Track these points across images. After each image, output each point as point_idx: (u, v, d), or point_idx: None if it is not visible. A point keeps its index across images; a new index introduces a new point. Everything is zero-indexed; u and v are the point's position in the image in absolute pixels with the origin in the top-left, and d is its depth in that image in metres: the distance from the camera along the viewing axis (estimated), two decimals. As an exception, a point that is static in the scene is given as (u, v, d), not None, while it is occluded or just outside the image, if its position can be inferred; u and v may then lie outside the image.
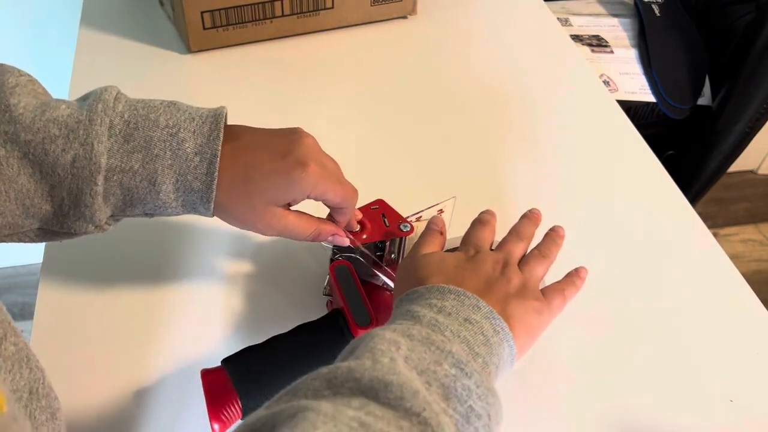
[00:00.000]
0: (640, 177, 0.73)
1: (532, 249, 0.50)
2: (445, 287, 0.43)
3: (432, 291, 0.43)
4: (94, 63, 0.85)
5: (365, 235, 0.55)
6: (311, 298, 0.58)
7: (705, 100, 1.10)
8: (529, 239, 0.51)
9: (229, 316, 0.57)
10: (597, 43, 1.14)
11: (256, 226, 0.48)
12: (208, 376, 0.46)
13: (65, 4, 1.19)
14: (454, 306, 0.41)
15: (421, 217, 0.59)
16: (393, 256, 0.56)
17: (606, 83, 1.06)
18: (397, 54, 0.90)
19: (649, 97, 1.08)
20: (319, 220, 0.51)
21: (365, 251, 0.55)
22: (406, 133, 0.77)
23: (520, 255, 0.49)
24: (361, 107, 0.81)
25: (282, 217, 0.48)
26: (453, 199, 0.60)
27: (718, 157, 1.10)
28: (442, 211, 0.60)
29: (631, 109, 1.07)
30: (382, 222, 0.56)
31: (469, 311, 0.41)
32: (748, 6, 1.07)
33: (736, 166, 1.29)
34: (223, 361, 0.47)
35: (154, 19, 0.93)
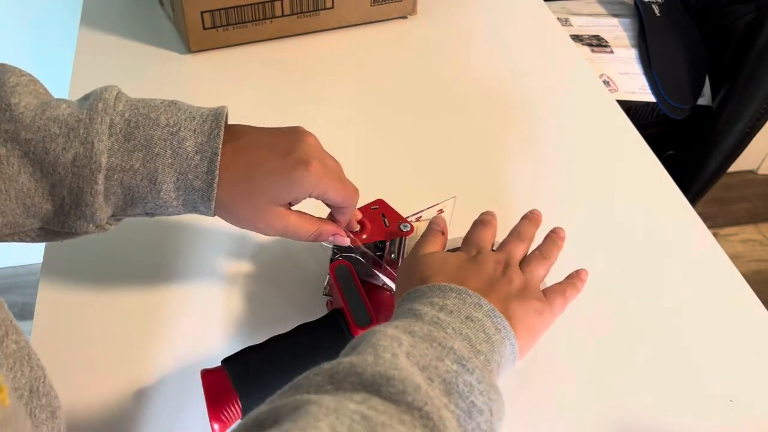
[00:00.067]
0: (640, 177, 0.73)
1: (533, 250, 0.50)
2: (447, 286, 0.43)
3: (434, 289, 0.43)
4: (94, 63, 0.85)
5: (365, 235, 0.55)
6: (311, 298, 0.58)
7: (705, 100, 1.10)
8: (530, 240, 0.51)
9: (229, 316, 0.57)
10: (597, 43, 1.14)
11: (257, 225, 0.48)
12: (208, 376, 0.46)
13: (65, 4, 1.19)
14: (455, 304, 0.41)
15: (421, 217, 0.59)
16: (393, 256, 0.56)
17: (606, 83, 1.06)
18: (397, 54, 0.90)
19: (649, 97, 1.08)
20: (320, 220, 0.51)
21: (365, 251, 0.55)
22: (406, 133, 0.77)
23: (522, 256, 0.49)
24: (361, 107, 0.81)
25: (283, 217, 0.48)
26: (453, 199, 0.60)
27: (718, 157, 1.10)
28: (442, 211, 0.60)
29: (631, 109, 1.07)
30: (382, 222, 0.56)
31: (471, 309, 0.41)
32: (748, 6, 1.07)
33: (736, 166, 1.29)
34: (223, 361, 0.47)
35: (154, 19, 0.93)
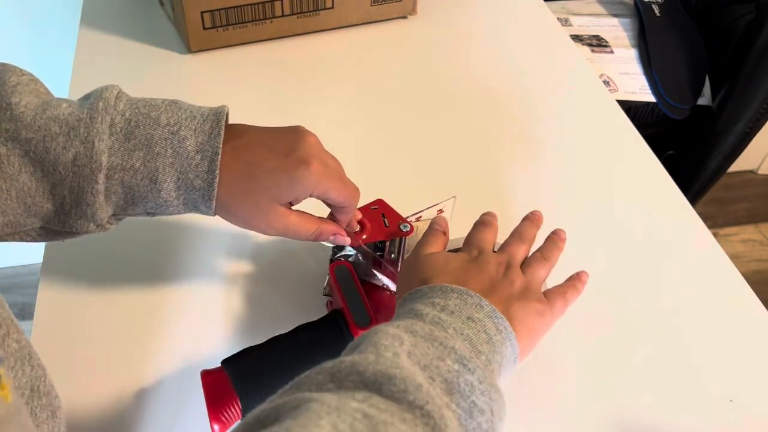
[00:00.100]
0: (640, 177, 0.73)
1: (534, 252, 0.50)
2: (448, 286, 0.43)
3: (435, 290, 0.43)
4: (94, 63, 0.85)
5: (365, 235, 0.55)
6: (311, 298, 0.58)
7: (705, 100, 1.10)
8: (531, 241, 0.51)
9: (229, 316, 0.57)
10: (597, 43, 1.14)
11: (258, 225, 0.48)
12: (208, 377, 0.46)
13: (65, 4, 1.19)
14: (457, 305, 0.41)
15: (421, 217, 0.59)
16: (393, 256, 0.56)
17: (606, 83, 1.06)
18: (397, 54, 0.90)
19: (649, 97, 1.08)
20: (321, 220, 0.51)
21: (365, 251, 0.55)
22: (406, 133, 0.77)
23: (523, 257, 0.49)
24: (361, 107, 0.81)
25: (284, 217, 0.48)
26: (453, 199, 0.60)
27: (718, 157, 1.10)
28: (442, 210, 0.60)
29: (631, 109, 1.07)
30: (382, 222, 0.56)
31: (472, 310, 0.41)
32: (748, 6, 1.07)
33: (736, 166, 1.29)
34: (223, 362, 0.47)
35: (154, 19, 0.93)
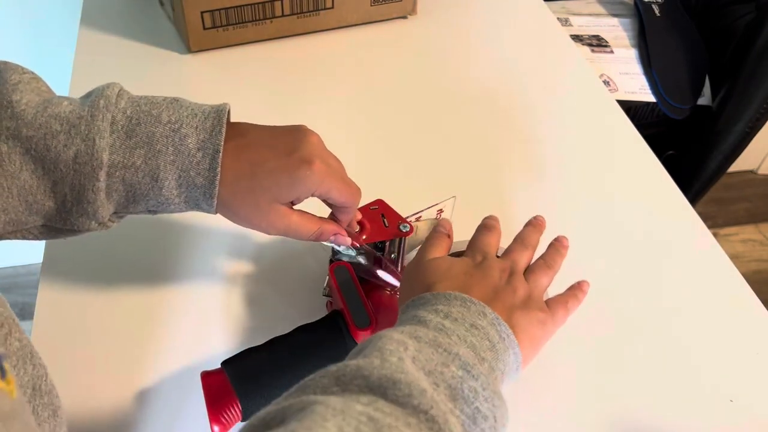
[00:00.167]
0: (640, 177, 0.73)
1: (537, 259, 0.50)
2: (451, 294, 0.43)
3: (438, 297, 0.43)
4: (94, 63, 0.85)
5: (365, 236, 0.55)
6: (311, 299, 0.58)
7: (705, 100, 1.10)
8: (534, 247, 0.51)
9: (229, 316, 0.57)
10: (597, 43, 1.14)
11: (259, 224, 0.48)
12: (207, 378, 0.46)
13: (65, 4, 1.19)
14: (460, 312, 0.41)
15: (420, 217, 0.59)
16: (393, 256, 0.56)
17: (606, 83, 1.06)
18: (397, 54, 0.90)
19: (649, 97, 1.08)
20: (322, 220, 0.51)
21: (365, 251, 0.55)
22: (405, 133, 0.77)
23: (526, 264, 0.49)
24: (361, 107, 0.81)
25: (285, 216, 0.48)
26: (453, 199, 0.60)
27: (718, 157, 1.10)
28: (441, 211, 0.60)
29: (631, 109, 1.07)
30: (382, 222, 0.56)
31: (476, 317, 0.41)
32: (748, 6, 1.07)
33: (736, 166, 1.29)
34: (223, 363, 0.47)
35: (154, 19, 0.93)
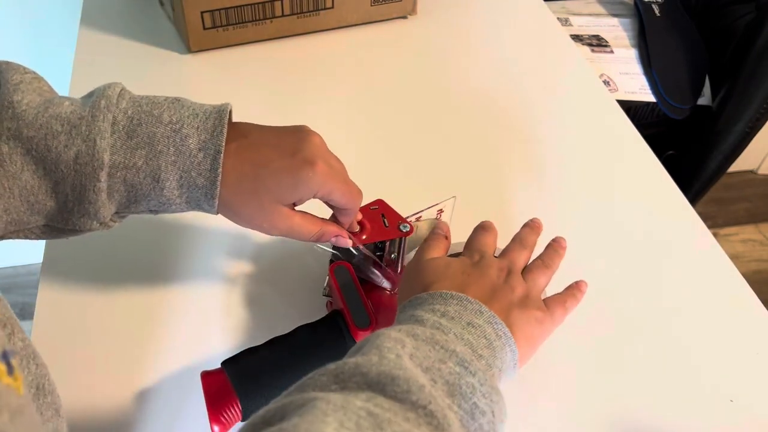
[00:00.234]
0: (640, 177, 0.73)
1: (534, 259, 0.51)
2: (448, 293, 0.43)
3: (435, 297, 0.43)
4: (94, 63, 0.85)
5: (365, 236, 0.55)
6: (311, 299, 0.58)
7: (705, 100, 1.10)
8: (532, 247, 0.51)
9: (229, 316, 0.57)
10: (597, 43, 1.14)
11: (261, 225, 0.48)
12: (207, 378, 0.46)
13: (65, 4, 1.19)
14: (457, 311, 0.42)
15: (420, 217, 0.59)
16: (393, 256, 0.56)
17: (606, 83, 1.06)
18: (397, 54, 0.90)
19: (649, 97, 1.08)
20: (323, 221, 0.51)
21: (365, 251, 0.55)
22: (405, 133, 0.77)
23: (524, 263, 0.50)
24: (361, 107, 0.81)
25: (288, 217, 0.48)
26: (453, 199, 0.60)
27: (718, 157, 1.10)
28: (442, 211, 0.60)
29: (631, 109, 1.07)
30: (382, 222, 0.56)
31: (472, 316, 0.42)
32: (748, 6, 1.07)
33: (736, 166, 1.29)
34: (223, 363, 0.47)
35: (154, 19, 0.93)
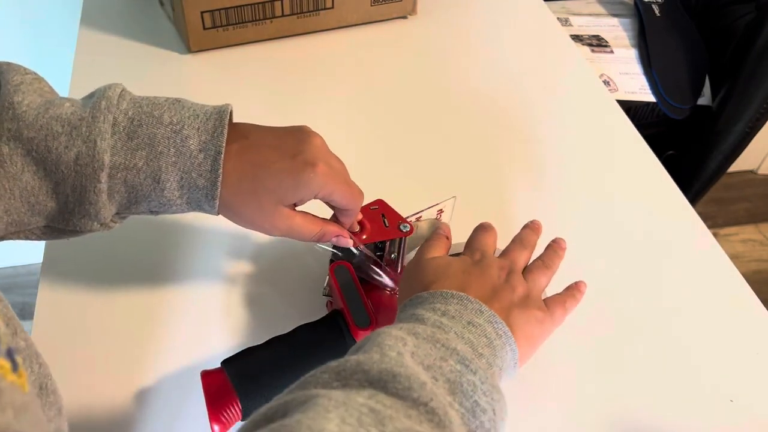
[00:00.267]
0: (640, 177, 0.73)
1: (535, 259, 0.51)
2: (449, 292, 0.43)
3: (435, 296, 0.43)
4: (94, 63, 0.85)
5: (365, 236, 0.55)
6: (311, 298, 0.58)
7: (705, 100, 1.10)
8: (533, 248, 0.51)
9: (229, 316, 0.57)
10: (597, 43, 1.14)
11: (262, 226, 0.48)
12: (207, 377, 0.46)
13: (65, 4, 1.19)
14: (457, 310, 0.42)
15: (421, 217, 0.59)
16: (393, 256, 0.56)
17: (606, 83, 1.06)
18: (397, 54, 0.90)
19: (649, 97, 1.08)
20: (324, 221, 0.51)
21: (365, 251, 0.55)
22: (405, 133, 0.77)
23: (524, 263, 0.50)
24: (361, 107, 0.81)
25: (289, 218, 0.48)
26: (453, 199, 0.60)
27: (718, 157, 1.10)
28: (442, 211, 0.60)
29: (631, 109, 1.07)
30: (382, 222, 0.56)
31: (472, 315, 0.42)
32: (748, 6, 1.07)
33: (736, 166, 1.29)
34: (223, 362, 0.47)
35: (154, 19, 0.93)
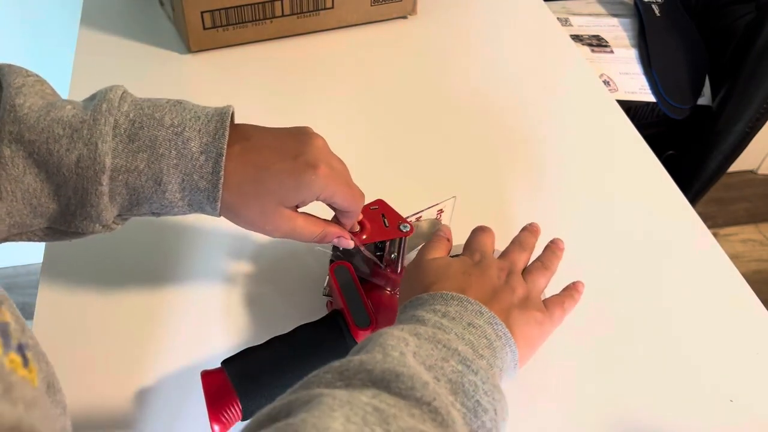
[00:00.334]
0: (640, 177, 0.73)
1: (534, 261, 0.51)
2: (449, 294, 0.43)
3: (436, 298, 0.43)
4: (94, 63, 0.85)
5: (365, 236, 0.55)
6: (311, 298, 0.58)
7: (705, 100, 1.10)
8: (531, 249, 0.52)
9: (229, 316, 0.57)
10: (597, 43, 1.14)
11: (263, 227, 0.48)
12: (207, 377, 0.46)
13: (65, 4, 1.19)
14: (457, 311, 0.42)
15: (421, 217, 0.59)
16: (393, 256, 0.56)
17: (606, 83, 1.06)
18: (397, 54, 0.90)
19: (649, 97, 1.08)
20: (325, 223, 0.51)
21: (365, 251, 0.55)
22: (405, 133, 0.77)
23: (524, 264, 0.50)
24: (361, 107, 0.81)
25: (290, 219, 0.48)
26: (453, 199, 0.60)
27: (718, 157, 1.10)
28: (442, 211, 0.60)
29: (631, 109, 1.07)
30: (382, 222, 0.56)
31: (472, 316, 0.42)
32: (748, 6, 1.07)
33: (736, 166, 1.29)
34: (223, 362, 0.47)
35: (154, 19, 0.93)
